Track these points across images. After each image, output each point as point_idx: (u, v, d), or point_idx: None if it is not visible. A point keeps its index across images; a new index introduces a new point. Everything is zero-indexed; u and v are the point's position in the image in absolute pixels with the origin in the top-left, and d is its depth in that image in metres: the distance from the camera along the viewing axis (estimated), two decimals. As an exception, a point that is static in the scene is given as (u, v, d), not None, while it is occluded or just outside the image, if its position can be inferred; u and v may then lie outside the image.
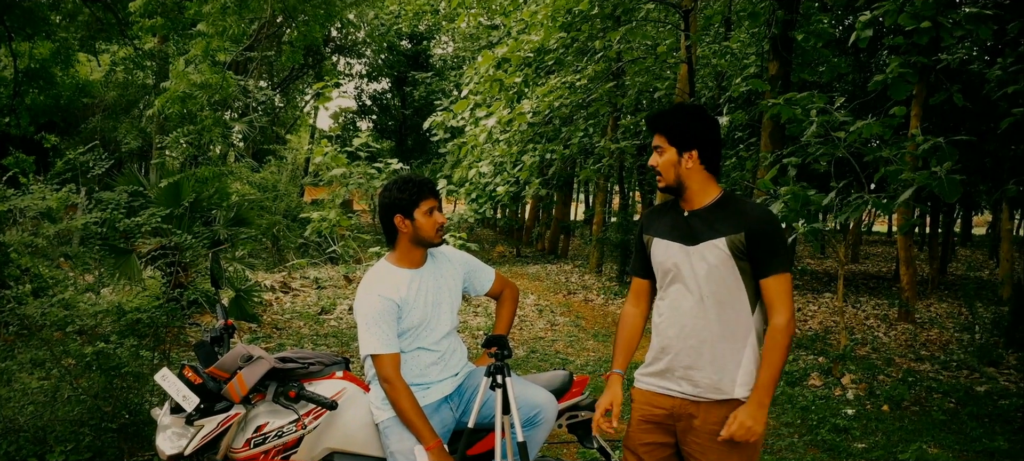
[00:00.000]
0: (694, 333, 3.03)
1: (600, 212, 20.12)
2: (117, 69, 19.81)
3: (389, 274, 3.42)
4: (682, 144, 3.03)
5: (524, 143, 12.25)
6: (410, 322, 3.38)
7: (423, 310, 3.41)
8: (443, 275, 3.56)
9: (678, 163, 3.04)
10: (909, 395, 7.77)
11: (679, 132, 3.03)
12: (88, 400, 5.11)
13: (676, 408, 3.10)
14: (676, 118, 3.06)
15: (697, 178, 3.06)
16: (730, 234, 2.96)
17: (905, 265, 12.59)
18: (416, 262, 3.47)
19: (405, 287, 3.38)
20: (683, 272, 3.05)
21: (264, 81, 26.40)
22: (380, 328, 3.30)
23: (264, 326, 10.06)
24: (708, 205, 3.06)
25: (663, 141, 3.06)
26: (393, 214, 3.39)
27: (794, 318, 2.97)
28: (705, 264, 2.98)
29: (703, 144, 3.03)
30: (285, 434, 3.30)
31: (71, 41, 16.28)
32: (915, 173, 6.68)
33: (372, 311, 3.31)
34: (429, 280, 3.47)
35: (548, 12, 12.14)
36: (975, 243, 33.18)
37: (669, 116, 3.08)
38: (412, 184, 3.38)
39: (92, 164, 8.05)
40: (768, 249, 2.94)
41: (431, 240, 3.41)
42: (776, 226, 3.01)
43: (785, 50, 9.92)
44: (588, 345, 10.30)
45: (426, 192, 3.38)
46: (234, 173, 12.47)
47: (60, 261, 8.16)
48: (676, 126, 3.04)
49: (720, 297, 2.98)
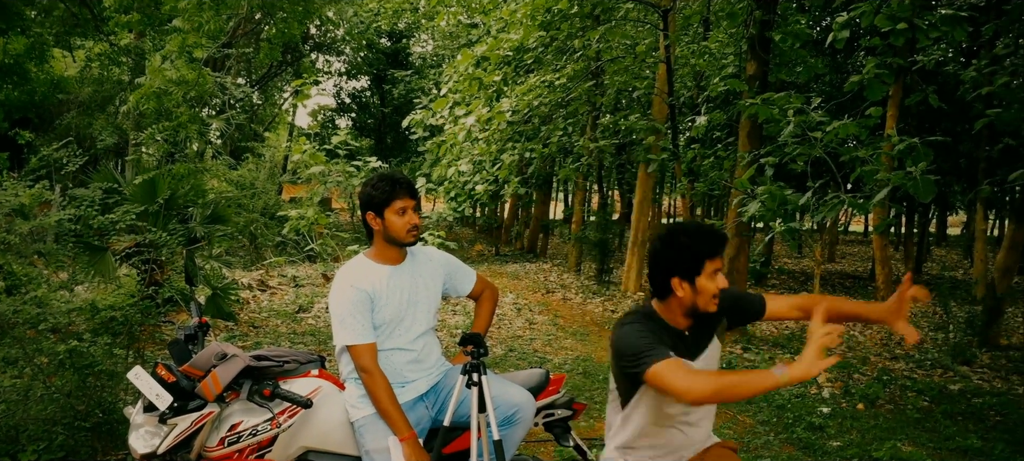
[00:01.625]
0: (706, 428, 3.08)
1: (579, 211, 20.13)
2: (92, 65, 19.62)
3: (364, 267, 3.41)
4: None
5: (503, 142, 12.25)
6: (383, 317, 3.36)
7: (397, 307, 3.39)
8: (422, 274, 3.54)
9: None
10: (884, 393, 7.84)
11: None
12: (61, 399, 5.05)
13: None
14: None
15: None
16: (717, 328, 3.02)
17: (881, 265, 12.69)
18: (393, 259, 3.46)
19: (379, 281, 3.37)
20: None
21: (242, 78, 26.25)
22: (355, 319, 3.29)
23: (241, 324, 9.99)
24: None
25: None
26: (366, 211, 3.39)
27: None
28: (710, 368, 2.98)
29: None
30: (260, 433, 3.27)
31: (46, 36, 16.14)
32: (891, 173, 6.74)
33: (346, 302, 3.30)
34: (406, 278, 3.46)
35: (528, 11, 12.15)
36: (950, 243, 33.48)
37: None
38: (387, 182, 3.35)
39: (66, 161, 7.97)
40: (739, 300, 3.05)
41: (402, 240, 3.39)
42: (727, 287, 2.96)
43: (763, 50, 9.96)
44: (566, 344, 10.31)
45: (400, 191, 3.35)
46: (211, 170, 12.36)
47: (33, 258, 8.06)
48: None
49: None
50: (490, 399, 3.18)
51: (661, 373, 2.65)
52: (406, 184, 3.38)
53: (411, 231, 3.38)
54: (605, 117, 16.27)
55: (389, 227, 3.36)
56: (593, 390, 7.85)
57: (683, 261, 2.81)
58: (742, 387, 2.57)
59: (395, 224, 3.35)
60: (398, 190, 3.34)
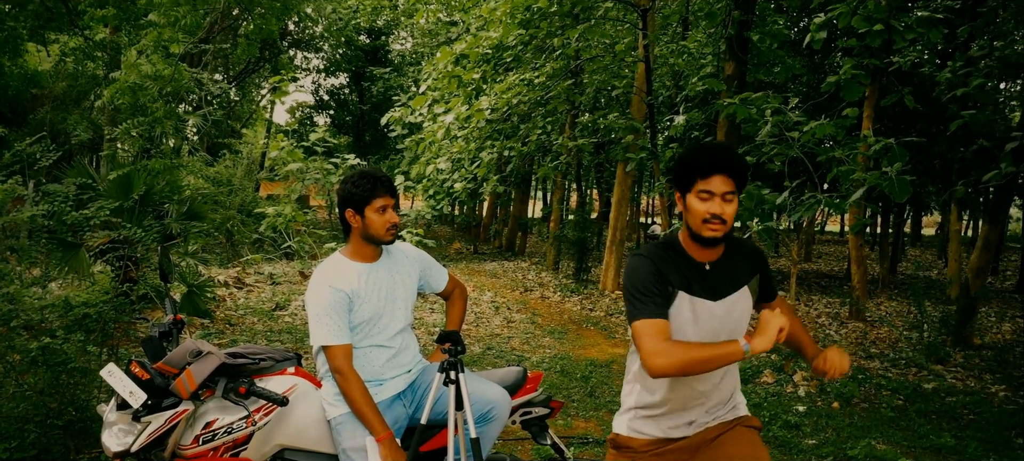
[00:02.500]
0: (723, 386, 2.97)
1: (557, 210, 20.16)
2: (67, 59, 19.42)
3: (341, 266, 3.39)
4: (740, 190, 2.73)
5: (482, 140, 12.25)
6: (362, 316, 3.35)
7: (375, 305, 3.38)
8: (398, 271, 3.53)
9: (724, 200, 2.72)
10: (859, 392, 7.89)
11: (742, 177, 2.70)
12: (33, 396, 4.99)
13: (692, 442, 2.96)
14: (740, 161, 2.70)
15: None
16: (749, 280, 2.87)
17: (856, 264, 12.78)
18: (369, 257, 3.45)
19: (357, 280, 3.35)
20: (712, 329, 2.82)
21: (219, 74, 26.07)
22: (331, 319, 3.27)
23: (217, 322, 9.93)
24: (722, 254, 2.85)
25: (732, 185, 2.68)
26: (345, 208, 3.37)
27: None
28: (733, 317, 2.83)
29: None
30: (235, 430, 3.25)
31: (20, 30, 15.91)
32: (867, 173, 6.78)
33: (323, 302, 3.28)
34: (383, 275, 3.44)
35: (507, 9, 12.14)
36: (924, 243, 33.80)
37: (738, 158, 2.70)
38: (367, 180, 3.34)
39: (40, 155, 7.88)
40: (769, 279, 2.99)
41: (381, 238, 3.38)
42: (765, 258, 3.01)
43: (741, 50, 10.01)
44: (544, 342, 10.31)
45: (381, 189, 3.34)
46: (187, 166, 12.28)
47: (6, 255, 7.96)
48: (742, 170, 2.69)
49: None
50: (467, 397, 3.17)
51: (638, 332, 2.65)
52: (386, 182, 3.36)
53: (390, 230, 3.37)
54: (584, 116, 16.30)
55: (369, 225, 3.34)
56: (570, 388, 7.86)
57: (678, 175, 2.74)
58: (712, 361, 2.54)
59: (375, 222, 3.34)
60: (379, 188, 3.33)
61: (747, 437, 2.98)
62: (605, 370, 8.73)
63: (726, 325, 2.82)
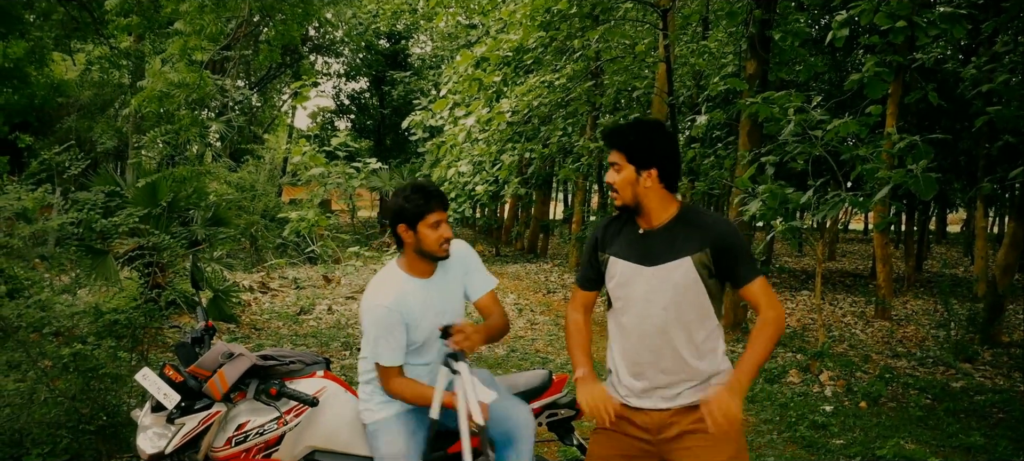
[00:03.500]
0: (667, 355, 2.96)
1: (579, 211, 20.15)
2: (92, 68, 19.60)
3: (396, 283, 3.30)
4: (641, 162, 2.92)
5: (503, 142, 12.27)
6: (416, 337, 3.29)
7: (427, 329, 3.32)
8: (450, 283, 3.45)
9: (636, 181, 2.93)
10: (886, 391, 7.84)
11: (638, 150, 2.93)
12: (65, 402, 5.05)
13: (653, 421, 3.01)
14: (635, 135, 2.95)
15: (655, 196, 2.96)
16: (694, 252, 2.89)
17: (881, 262, 12.70)
18: (425, 272, 3.37)
19: (413, 300, 3.28)
20: (645, 294, 2.95)
21: (241, 80, 26.27)
22: (387, 341, 3.22)
23: (242, 327, 10.00)
24: (667, 223, 2.97)
25: (621, 158, 2.95)
26: (398, 223, 3.28)
27: (783, 313, 2.93)
28: (669, 285, 2.90)
29: (662, 162, 2.94)
30: (266, 432, 3.28)
31: (45, 40, 16.10)
32: (891, 171, 6.74)
33: (380, 323, 3.22)
34: (434, 294, 3.37)
35: (527, 11, 12.16)
36: (950, 240, 33.50)
37: (628, 133, 2.97)
38: (420, 194, 3.25)
39: (68, 164, 7.99)
40: (735, 260, 2.90)
41: (435, 254, 3.29)
42: (736, 234, 2.96)
43: (763, 49, 9.98)
44: (568, 344, 10.30)
45: (434, 204, 3.24)
46: (211, 173, 12.37)
47: (35, 262, 8.08)
48: (635, 143, 2.93)
49: (687, 317, 2.92)
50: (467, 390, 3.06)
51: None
52: (439, 196, 3.28)
53: (444, 245, 3.28)
54: (605, 117, 16.29)
55: (422, 240, 3.26)
56: (595, 390, 7.85)
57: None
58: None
59: (428, 238, 3.25)
60: (432, 202, 3.24)
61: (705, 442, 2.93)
62: (629, 371, 8.71)
63: (661, 291, 2.92)
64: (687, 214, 2.99)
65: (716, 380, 2.95)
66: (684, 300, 2.90)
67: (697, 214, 3.01)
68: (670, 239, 2.93)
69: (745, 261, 2.91)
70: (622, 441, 3.07)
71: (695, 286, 2.89)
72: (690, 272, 2.88)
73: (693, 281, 2.89)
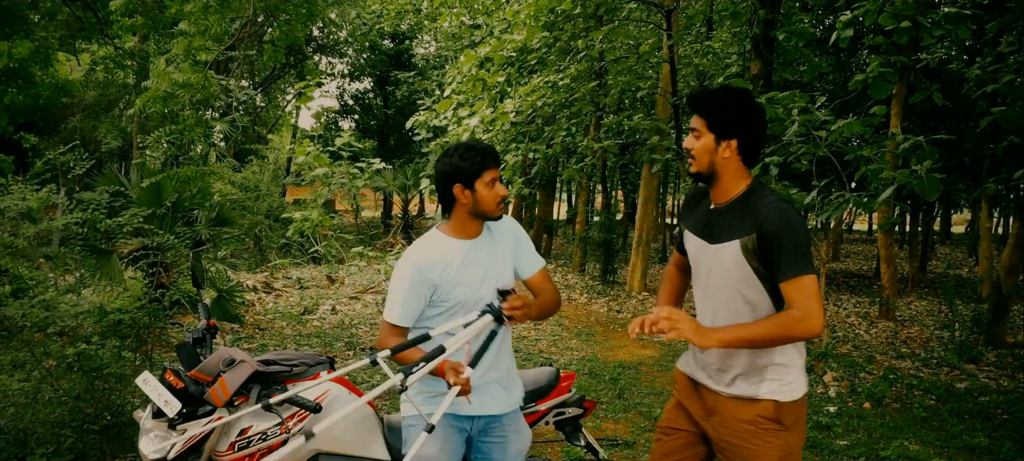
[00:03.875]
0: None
1: (583, 211, 20.14)
2: (97, 68, 19.67)
3: (438, 245, 3.18)
4: (722, 131, 2.81)
5: (507, 142, 12.26)
6: (455, 297, 3.13)
7: (471, 287, 3.14)
8: (498, 247, 3.25)
9: (715, 150, 2.83)
10: (890, 392, 7.83)
11: (721, 118, 2.81)
12: (69, 402, 5.06)
13: (706, 398, 2.97)
14: (720, 102, 2.83)
15: (731, 169, 2.85)
16: (743, 236, 2.77)
17: (886, 263, 12.68)
18: (472, 233, 3.21)
19: (454, 259, 3.13)
20: (706, 271, 2.91)
21: (245, 80, 26.29)
22: (403, 298, 3.10)
23: (246, 326, 10.01)
24: (732, 200, 2.87)
25: (702, 125, 2.84)
26: (453, 183, 3.09)
27: (818, 319, 2.66)
28: (722, 266, 2.83)
29: (744, 134, 2.82)
30: (269, 437, 3.27)
31: (50, 40, 16.17)
32: (896, 172, 6.73)
33: (403, 279, 3.10)
34: (483, 253, 3.20)
35: (531, 11, 12.14)
36: (954, 241, 33.45)
37: (713, 99, 2.85)
38: (475, 151, 3.08)
39: (73, 164, 7.99)
40: (778, 251, 2.70)
41: (492, 214, 3.14)
42: (789, 225, 2.70)
43: (767, 49, 9.96)
44: (572, 344, 10.31)
45: (490, 161, 3.09)
46: (216, 173, 12.39)
47: (40, 262, 8.08)
48: (719, 111, 2.81)
49: (738, 302, 2.83)
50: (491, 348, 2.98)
51: None
52: (493, 153, 3.11)
53: (500, 204, 3.14)
54: (609, 117, 16.26)
55: (480, 200, 3.10)
56: (599, 390, 7.86)
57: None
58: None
59: (485, 197, 3.10)
60: (487, 160, 3.08)
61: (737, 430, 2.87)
62: (633, 372, 8.71)
63: (717, 271, 2.86)
64: (751, 194, 2.85)
65: (772, 372, 2.82)
66: (732, 284, 2.82)
67: (759, 196, 2.83)
68: (730, 218, 2.84)
69: (789, 254, 2.69)
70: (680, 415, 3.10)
71: (741, 271, 2.79)
72: (737, 256, 2.78)
73: (740, 265, 2.79)
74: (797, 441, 2.85)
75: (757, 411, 2.82)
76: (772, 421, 2.80)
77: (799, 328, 2.65)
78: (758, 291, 2.80)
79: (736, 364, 2.86)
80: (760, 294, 2.80)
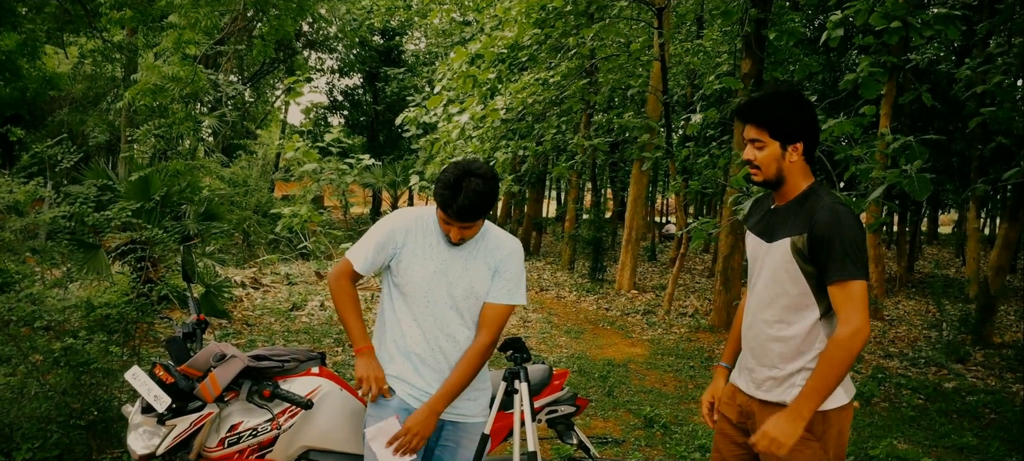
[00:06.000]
0: (759, 333, 2.89)
1: (572, 209, 20.14)
2: (85, 62, 19.57)
3: (426, 219, 3.20)
4: (787, 137, 2.79)
5: (497, 140, 12.24)
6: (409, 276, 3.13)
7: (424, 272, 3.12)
8: (477, 257, 3.19)
9: (781, 157, 2.80)
10: (879, 391, 7.86)
11: (784, 123, 2.78)
12: (56, 397, 5.02)
13: (744, 405, 2.96)
14: (781, 108, 2.79)
15: (798, 171, 2.84)
16: (795, 235, 2.74)
17: (874, 263, 12.72)
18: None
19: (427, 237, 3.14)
20: (759, 269, 2.90)
21: (234, 75, 26.18)
22: (370, 244, 3.13)
23: (234, 322, 9.97)
24: (792, 200, 2.85)
25: (763, 134, 2.79)
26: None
27: (864, 330, 2.62)
28: (773, 263, 2.81)
29: (809, 134, 2.81)
30: (260, 433, 3.25)
31: (38, 33, 16.06)
32: (885, 171, 6.74)
33: (379, 226, 3.16)
34: (456, 251, 3.16)
35: (522, 8, 12.13)
36: (941, 241, 33.61)
37: (773, 107, 2.80)
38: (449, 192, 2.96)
39: (60, 158, 7.94)
40: (827, 253, 2.66)
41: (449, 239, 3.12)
42: (841, 227, 2.66)
43: (758, 48, 9.98)
44: (561, 341, 10.30)
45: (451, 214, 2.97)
46: (204, 168, 12.33)
47: (26, 256, 8.03)
48: (781, 117, 2.78)
49: (783, 301, 2.79)
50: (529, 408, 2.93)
51: None
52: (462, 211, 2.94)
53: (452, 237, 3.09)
54: (599, 115, 16.27)
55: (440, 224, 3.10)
56: (589, 388, 7.85)
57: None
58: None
59: (441, 224, 3.09)
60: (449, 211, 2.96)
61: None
62: (623, 370, 8.72)
63: (768, 268, 2.85)
64: (811, 193, 2.83)
65: (801, 378, 2.76)
66: (779, 283, 2.80)
67: (817, 196, 2.80)
68: (787, 217, 2.82)
69: (838, 257, 2.64)
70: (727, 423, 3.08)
71: (789, 270, 2.76)
72: (787, 254, 2.76)
73: (788, 264, 2.76)
74: (832, 453, 2.77)
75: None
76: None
77: (850, 351, 2.62)
78: (803, 291, 2.76)
79: (769, 372, 2.86)
80: (805, 294, 2.76)
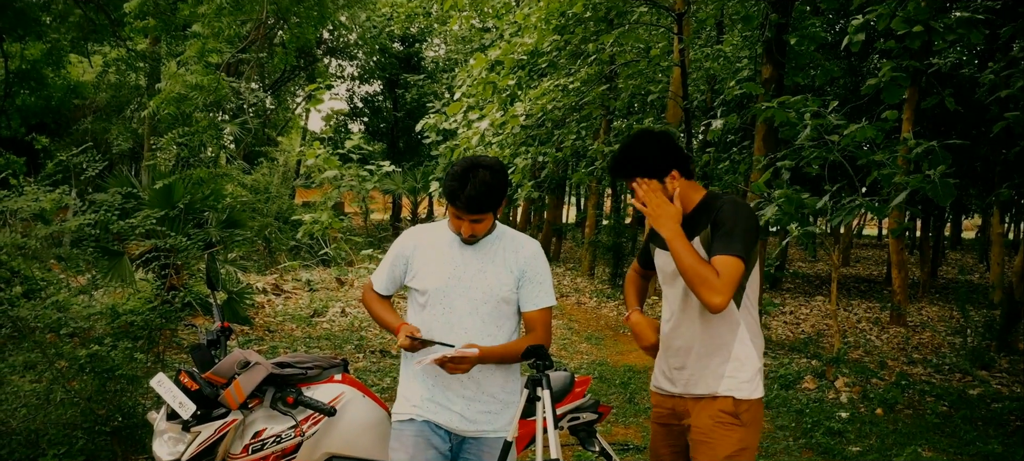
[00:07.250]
0: (681, 335, 3.11)
1: (592, 215, 20.11)
2: (109, 70, 19.73)
3: (435, 229, 3.24)
4: (659, 172, 3.04)
5: (517, 146, 12.25)
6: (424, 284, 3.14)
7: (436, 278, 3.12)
8: (495, 260, 3.15)
9: (663, 189, 3.04)
10: (902, 398, 7.79)
11: (650, 164, 3.03)
12: (81, 403, 5.07)
13: (676, 406, 3.18)
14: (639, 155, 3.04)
15: (687, 189, 3.09)
16: (701, 231, 2.99)
17: (897, 268, 12.63)
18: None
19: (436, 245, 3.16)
20: (675, 278, 3.09)
21: (256, 83, 26.34)
22: (385, 263, 3.31)
23: (256, 328, 10.02)
24: (694, 208, 3.08)
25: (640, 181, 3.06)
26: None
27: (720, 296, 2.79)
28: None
29: (676, 160, 3.05)
30: (283, 440, 3.27)
31: (62, 42, 16.23)
32: (908, 177, 6.70)
33: (392, 251, 3.29)
34: (470, 254, 3.14)
35: (541, 15, 12.14)
36: (965, 246, 33.30)
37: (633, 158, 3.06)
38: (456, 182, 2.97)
39: (85, 166, 8.00)
40: (721, 231, 2.91)
41: (461, 236, 3.11)
42: (737, 215, 2.93)
43: (779, 53, 9.94)
44: (581, 348, 10.29)
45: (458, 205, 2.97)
46: (227, 175, 12.41)
47: (52, 263, 8.10)
48: (644, 159, 3.03)
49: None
50: (552, 416, 2.87)
51: None
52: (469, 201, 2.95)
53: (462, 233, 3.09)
54: (619, 121, 16.25)
55: (451, 221, 3.13)
56: (609, 394, 7.84)
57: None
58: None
59: (452, 221, 3.12)
60: (456, 202, 2.97)
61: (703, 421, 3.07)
62: (644, 376, 8.69)
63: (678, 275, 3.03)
64: (709, 199, 3.10)
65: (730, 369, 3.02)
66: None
67: (716, 198, 3.08)
68: (692, 223, 3.05)
69: (723, 236, 2.89)
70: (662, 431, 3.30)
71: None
72: (698, 250, 2.96)
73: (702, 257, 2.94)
74: (753, 439, 3.06)
75: (718, 407, 3.01)
76: (730, 416, 3.00)
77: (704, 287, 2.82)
78: None
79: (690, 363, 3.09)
80: None
